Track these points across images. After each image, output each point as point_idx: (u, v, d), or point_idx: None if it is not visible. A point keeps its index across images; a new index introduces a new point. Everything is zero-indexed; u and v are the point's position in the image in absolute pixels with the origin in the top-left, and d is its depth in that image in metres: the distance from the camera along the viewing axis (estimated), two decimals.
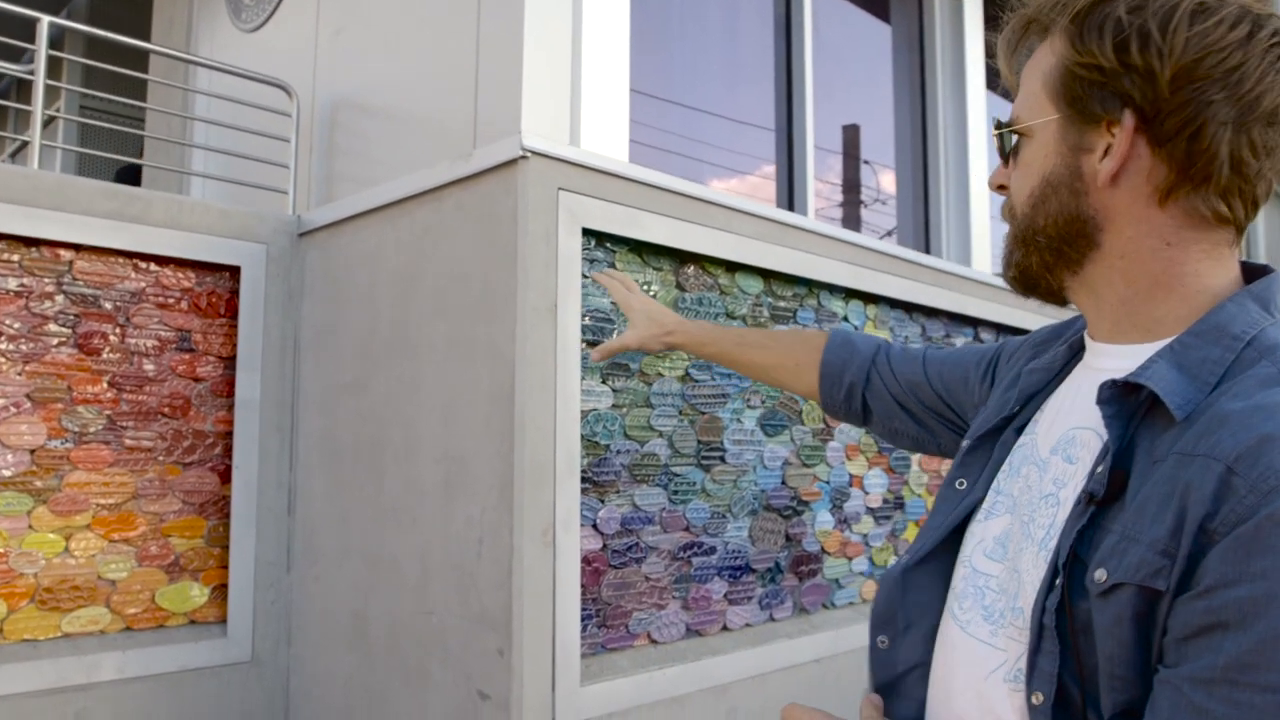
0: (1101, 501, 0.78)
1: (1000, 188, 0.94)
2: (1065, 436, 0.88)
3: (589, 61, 2.67)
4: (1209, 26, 0.76)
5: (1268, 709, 0.64)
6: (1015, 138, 0.90)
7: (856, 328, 3.12)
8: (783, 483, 2.81)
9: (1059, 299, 0.92)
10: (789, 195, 3.80)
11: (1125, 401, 0.81)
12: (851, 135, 4.73)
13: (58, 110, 4.63)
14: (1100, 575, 0.74)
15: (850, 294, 3.10)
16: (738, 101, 3.94)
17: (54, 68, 5.23)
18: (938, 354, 1.28)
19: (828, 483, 2.97)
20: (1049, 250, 0.87)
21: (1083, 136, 0.83)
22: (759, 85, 3.98)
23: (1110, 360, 0.87)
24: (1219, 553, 0.68)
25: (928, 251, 4.57)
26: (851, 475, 3.07)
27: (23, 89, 6.32)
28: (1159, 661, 0.72)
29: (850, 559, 3.03)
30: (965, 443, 1.02)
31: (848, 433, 3.05)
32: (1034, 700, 0.78)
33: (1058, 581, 0.78)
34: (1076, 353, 0.97)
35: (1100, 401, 0.82)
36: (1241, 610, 0.65)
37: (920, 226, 4.55)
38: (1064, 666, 0.77)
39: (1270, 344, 0.77)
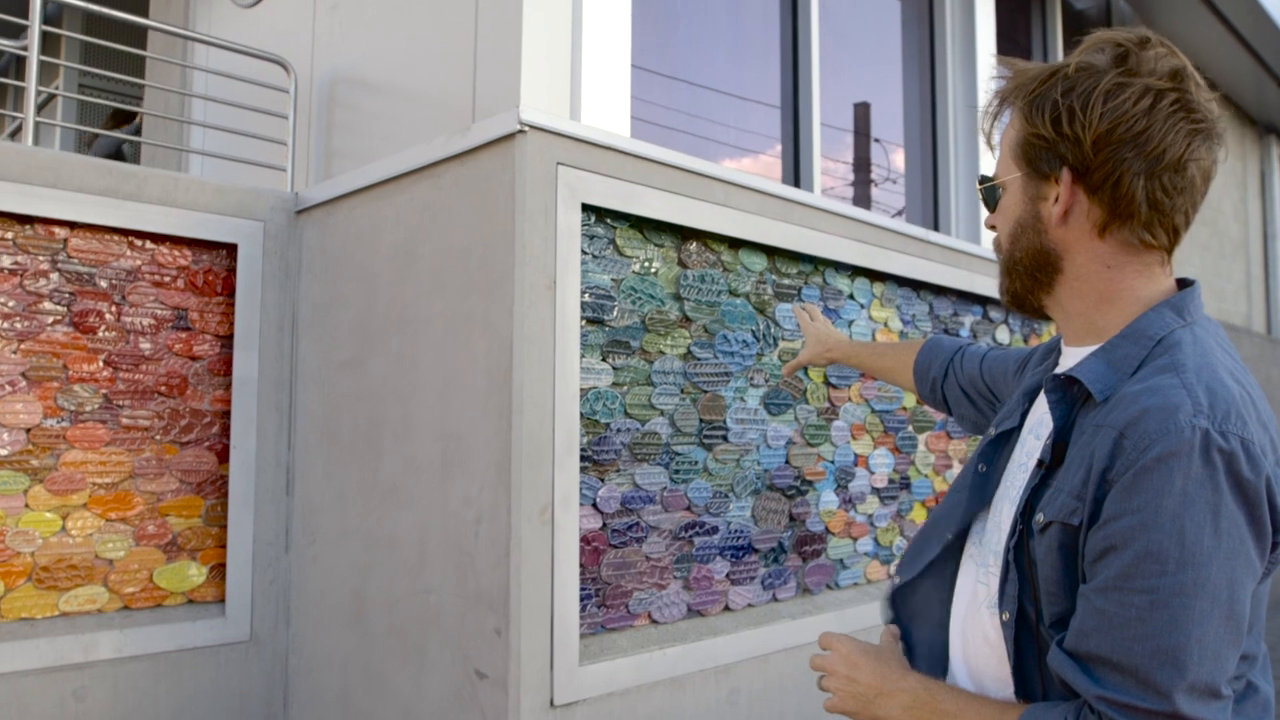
0: (1049, 467, 1.04)
1: (992, 227, 1.19)
2: (1037, 419, 1.15)
3: (589, 36, 2.62)
4: (1119, 102, 1.00)
5: (1142, 605, 0.90)
6: (997, 190, 1.15)
7: (863, 306, 3.08)
8: (786, 462, 2.78)
9: (1043, 314, 1.16)
10: (795, 172, 3.75)
11: (1068, 390, 1.06)
12: (862, 113, 4.67)
13: (57, 88, 4.60)
14: (1039, 518, 1.02)
15: (857, 271, 3.06)
16: (744, 78, 3.89)
17: (53, 45, 5.20)
18: (994, 353, 1.57)
19: (832, 462, 2.94)
20: (1026, 276, 1.12)
21: (1039, 188, 1.08)
22: (765, 61, 3.92)
23: (1070, 360, 1.11)
24: (1111, 496, 0.93)
25: (936, 229, 4.51)
26: (857, 455, 3.04)
27: (23, 66, 6.29)
28: (1082, 581, 0.97)
29: (855, 539, 3.01)
30: (991, 430, 1.24)
31: (853, 412, 3.02)
32: (1003, 618, 1.05)
33: (1019, 528, 1.04)
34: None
35: (1047, 390, 1.08)
36: (1124, 536, 0.91)
37: (929, 204, 4.50)
38: (1022, 591, 1.03)
39: (1174, 341, 1.01)
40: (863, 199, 4.67)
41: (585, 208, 2.24)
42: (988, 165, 4.52)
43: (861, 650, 1.19)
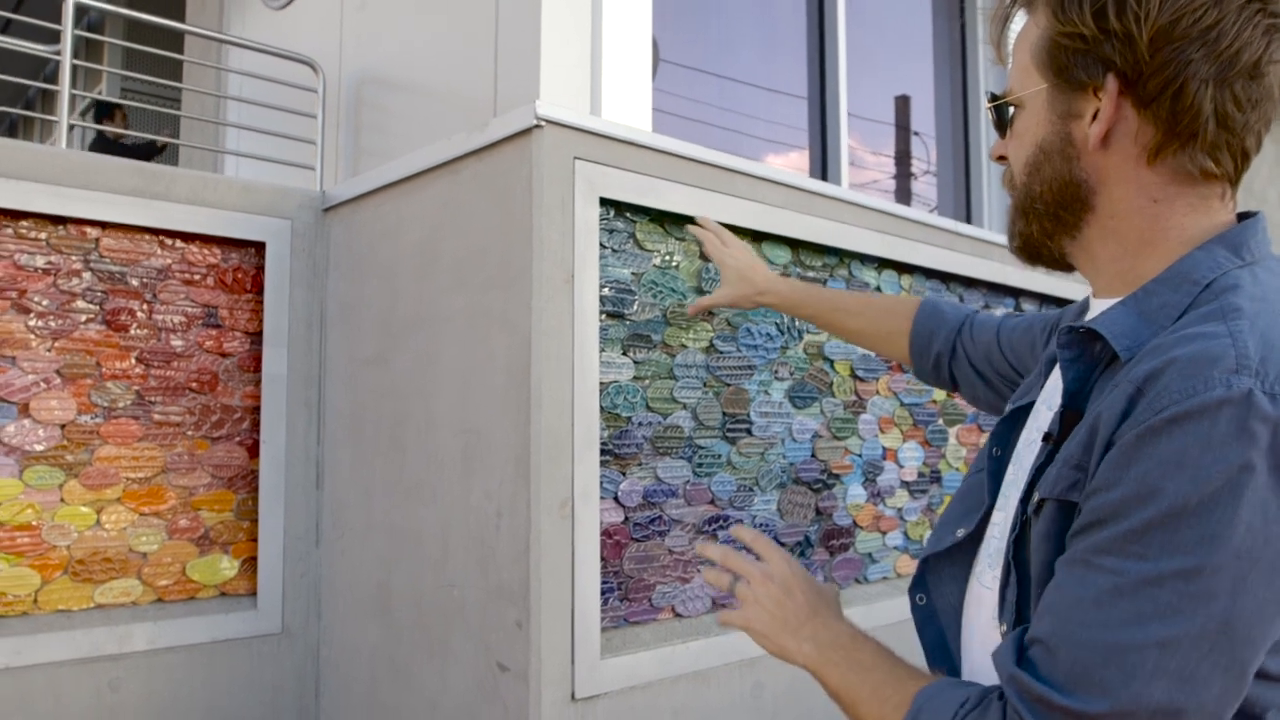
0: (1057, 441, 0.84)
1: (1000, 158, 0.97)
2: (1052, 386, 0.95)
3: (609, 31, 2.62)
4: None
5: (1104, 587, 0.71)
6: (1010, 109, 0.93)
7: None
8: (812, 455, 2.76)
9: (1063, 264, 0.95)
10: (823, 165, 3.73)
11: (1087, 348, 0.85)
12: (902, 106, 4.63)
13: (99, 93, 4.71)
14: (1034, 498, 0.82)
15: (884, 264, 3.03)
16: (771, 71, 3.87)
17: (95, 51, 5.32)
18: (1010, 321, 1.33)
19: (860, 456, 2.91)
20: (1047, 217, 0.90)
21: (1071, 103, 0.86)
22: (793, 54, 3.90)
23: (1095, 314, 0.90)
24: (1107, 459, 0.74)
25: (969, 221, 4.46)
26: (885, 448, 3.01)
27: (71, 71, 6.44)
28: None
29: (884, 533, 2.98)
30: (1006, 407, 1.06)
31: (881, 405, 2.99)
32: (1002, 629, 0.85)
33: (1022, 518, 0.85)
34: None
35: (1059, 345, 0.87)
36: (1113, 509, 0.72)
37: (961, 196, 4.45)
38: (1023, 597, 0.83)
39: (1228, 284, 0.80)
40: (903, 192, 4.62)
41: (604, 202, 2.24)
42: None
43: (804, 576, 1.04)
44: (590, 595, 2.10)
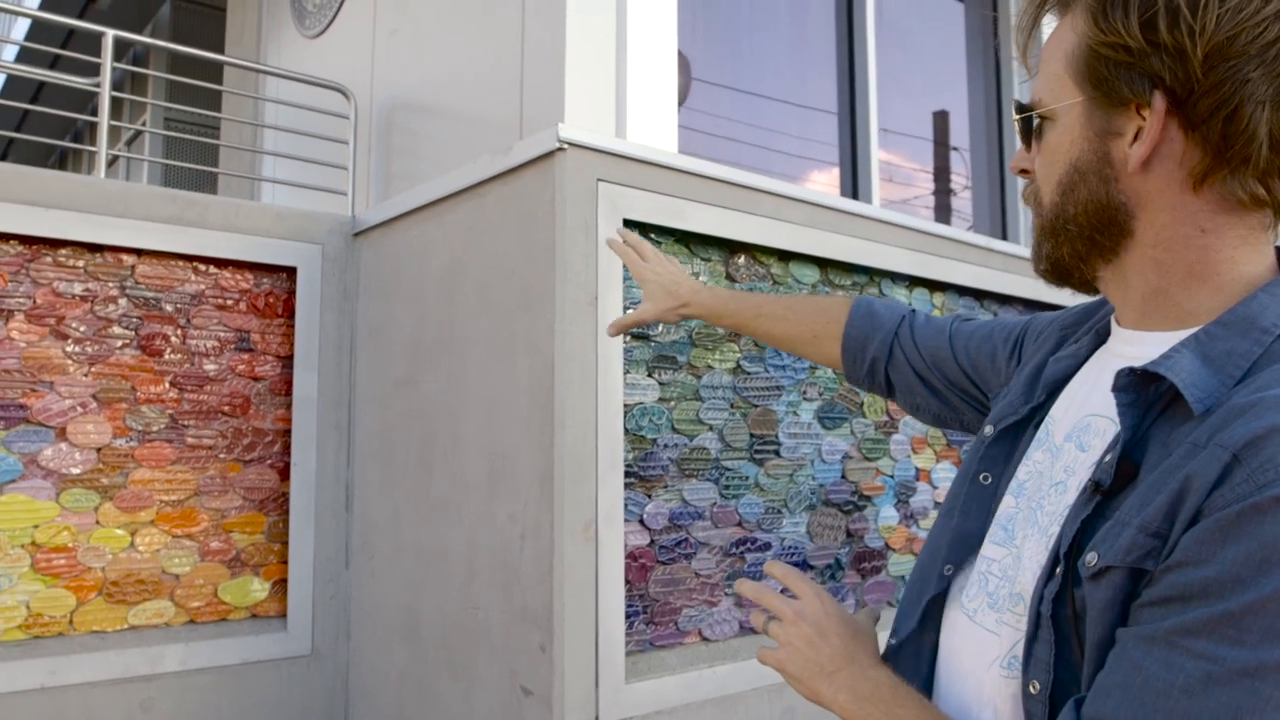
0: (1108, 492, 0.76)
1: (1023, 172, 0.89)
2: (1080, 424, 0.86)
3: (635, 53, 2.63)
4: (1241, 1, 0.71)
5: (1196, 675, 0.64)
6: (1038, 121, 0.85)
7: None
8: (843, 477, 2.72)
9: (1092, 289, 0.88)
10: (853, 182, 3.71)
11: (1142, 391, 0.78)
12: (941, 122, 4.59)
13: (144, 124, 4.83)
14: (1091, 559, 0.73)
15: (915, 281, 2.99)
16: (803, 87, 3.86)
17: (139, 84, 5.46)
18: (965, 327, 1.22)
19: (892, 476, 2.87)
20: (1081, 240, 0.83)
21: (1110, 120, 0.78)
22: (823, 71, 3.89)
23: (1134, 347, 0.83)
24: (1197, 531, 0.67)
25: (1004, 238, 4.40)
26: (918, 469, 2.97)
27: (117, 104, 6.62)
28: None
29: (916, 555, 2.93)
30: (988, 429, 0.98)
31: (913, 425, 2.95)
32: (1031, 689, 0.77)
33: (1058, 570, 0.77)
34: (1103, 339, 0.92)
35: (1116, 389, 0.78)
36: (1204, 588, 0.65)
37: (996, 212, 4.39)
38: (1059, 656, 0.76)
39: None
40: (942, 208, 4.58)
41: (628, 223, 2.24)
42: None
43: (839, 617, 0.96)
44: (615, 618, 2.09)
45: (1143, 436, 0.77)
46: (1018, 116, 0.88)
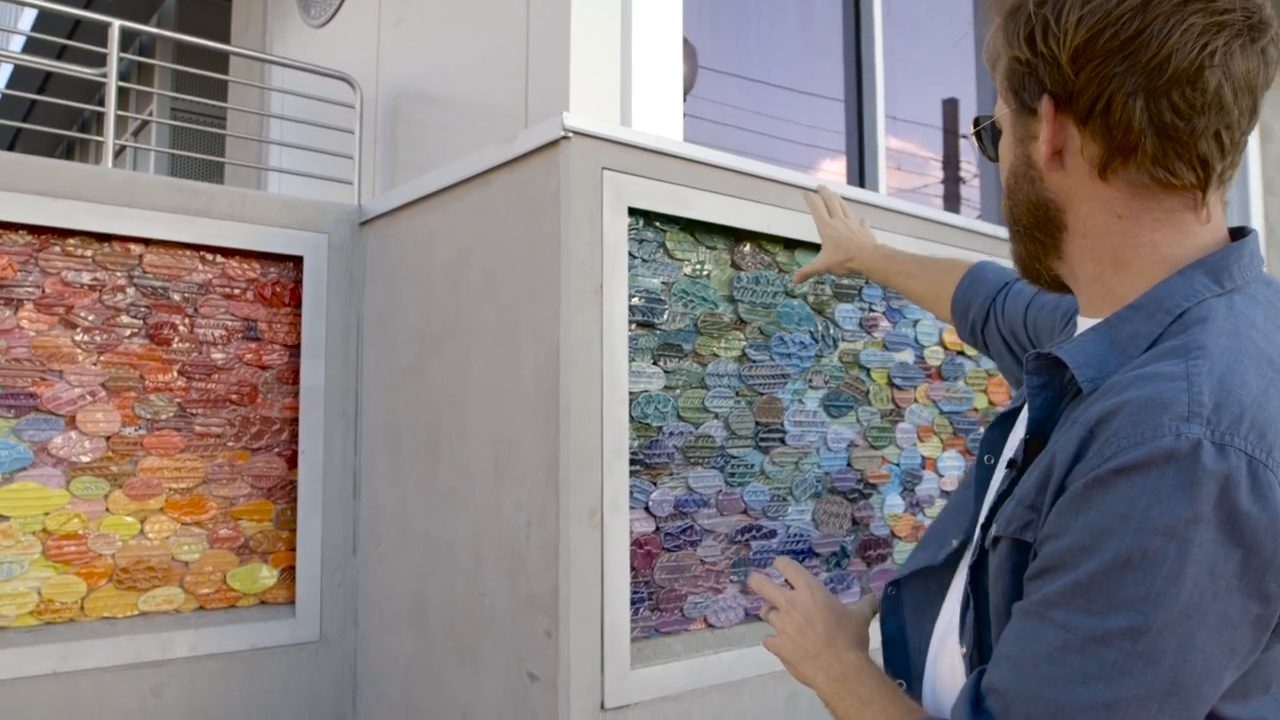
0: (1020, 469, 0.83)
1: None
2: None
3: (640, 41, 2.63)
4: (1100, 2, 0.77)
5: (1056, 644, 0.70)
6: (996, 133, 0.94)
7: None
8: (848, 465, 2.73)
9: (1061, 285, 0.92)
10: (860, 170, 3.70)
11: (1055, 374, 0.84)
12: (950, 109, 4.58)
13: (150, 114, 4.84)
14: (991, 530, 0.83)
15: None
16: (810, 76, 3.85)
17: (145, 74, 5.47)
18: (1042, 298, 1.25)
19: (897, 465, 2.88)
20: (1028, 238, 0.89)
21: (1028, 126, 0.86)
22: (829, 59, 3.88)
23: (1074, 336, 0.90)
24: (1060, 503, 0.73)
25: None
26: (924, 457, 2.97)
27: (124, 94, 6.62)
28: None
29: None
30: (998, 411, 1.06)
31: (919, 413, 2.95)
32: (962, 651, 0.88)
33: (983, 547, 0.86)
34: None
35: (1027, 371, 0.86)
36: (1061, 559, 0.71)
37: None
38: (980, 621, 0.86)
39: (1200, 316, 0.76)
40: (951, 196, 4.57)
41: (633, 211, 2.24)
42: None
43: (826, 605, 1.05)
44: (620, 605, 2.10)
45: (1057, 416, 0.83)
46: (975, 130, 0.97)
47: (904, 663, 1.02)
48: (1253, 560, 0.66)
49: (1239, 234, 0.84)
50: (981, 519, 0.88)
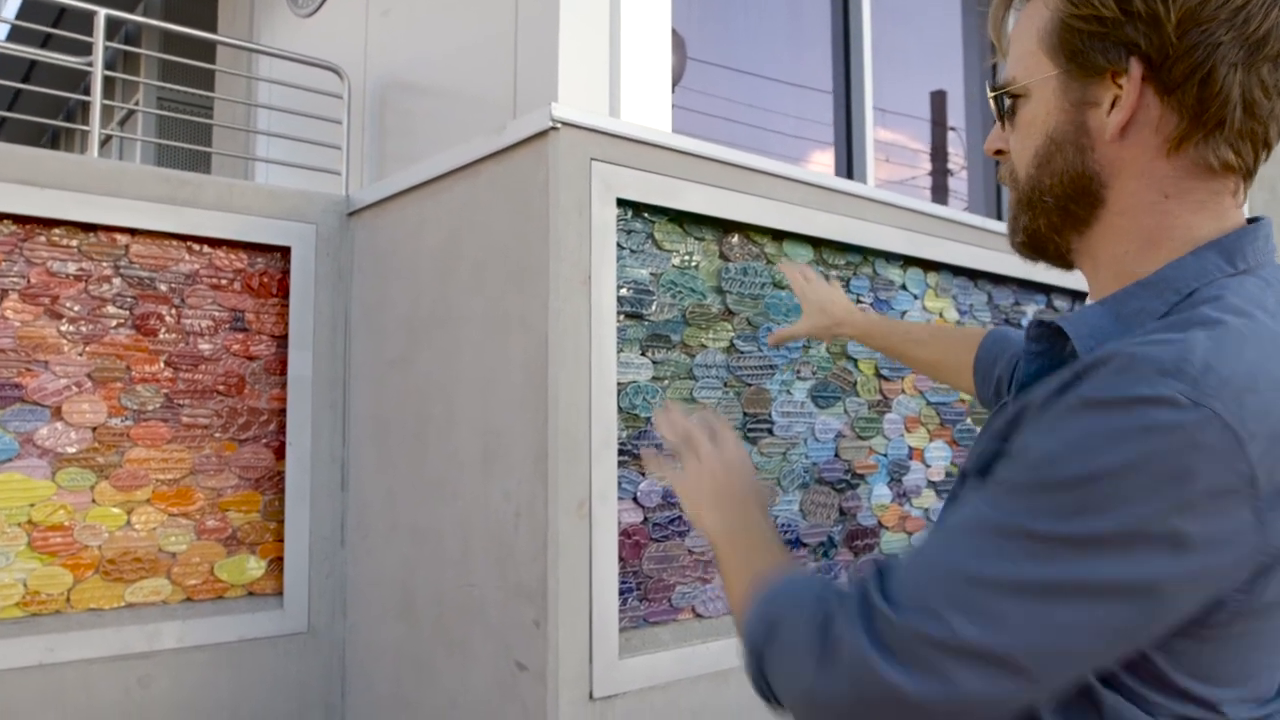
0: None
1: (998, 153, 0.92)
2: None
3: (628, 32, 2.63)
4: None
5: (965, 518, 0.73)
6: (1011, 100, 0.88)
7: (916, 296, 3.03)
8: (836, 455, 2.74)
9: (1066, 262, 0.91)
10: (848, 162, 3.71)
11: (1055, 344, 0.83)
12: (938, 101, 4.59)
13: (136, 104, 4.80)
14: (962, 466, 0.85)
15: (909, 261, 3.00)
16: (799, 67, 3.85)
17: (131, 63, 5.43)
18: None
19: (885, 455, 2.89)
20: (1056, 210, 0.85)
21: (1085, 90, 0.81)
22: (818, 50, 3.88)
23: None
24: (1021, 429, 0.74)
25: (999, 217, 4.40)
26: (911, 448, 2.98)
27: (110, 83, 6.57)
28: None
29: (910, 534, 2.95)
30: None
31: (906, 404, 2.96)
32: None
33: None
34: None
35: (1028, 338, 0.85)
36: (1005, 465, 0.73)
37: (991, 191, 4.40)
38: None
39: (1209, 295, 0.74)
40: (939, 188, 4.58)
41: (621, 202, 2.24)
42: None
43: (748, 466, 1.07)
44: (608, 595, 2.10)
45: None
46: (992, 95, 0.90)
47: None
48: (1186, 514, 0.65)
49: (1252, 222, 0.83)
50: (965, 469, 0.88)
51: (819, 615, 0.79)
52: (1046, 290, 3.49)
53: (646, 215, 2.32)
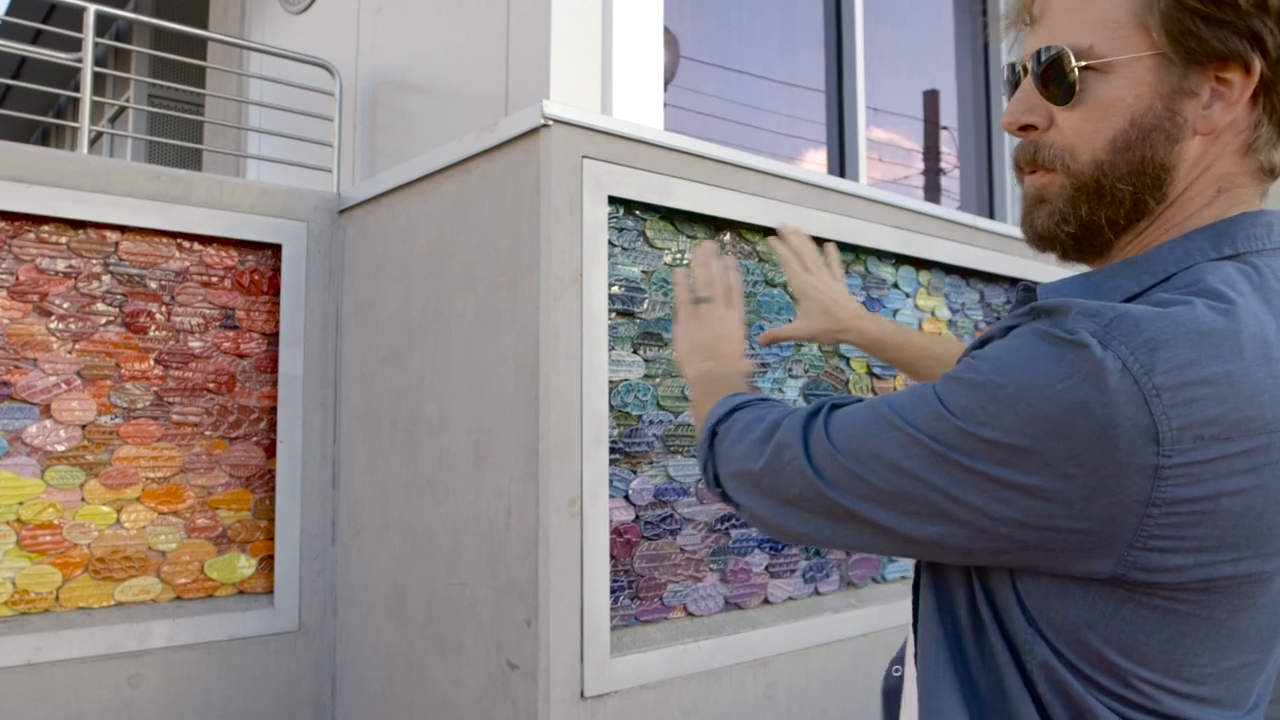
0: None
1: (1027, 128, 0.81)
2: None
3: (620, 30, 2.62)
4: None
5: (890, 399, 0.77)
6: (1078, 70, 0.76)
7: (908, 295, 3.03)
8: None
9: (1096, 258, 0.83)
10: (840, 161, 3.71)
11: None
12: (931, 101, 4.59)
13: (127, 100, 4.79)
14: None
15: (901, 259, 3.00)
16: (792, 66, 3.85)
17: (122, 60, 5.41)
18: None
19: None
20: (1129, 202, 0.77)
21: (1184, 78, 0.73)
22: (810, 49, 3.88)
23: None
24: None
25: (991, 216, 4.41)
26: None
27: (100, 79, 6.55)
28: None
29: None
30: None
31: None
32: (914, 651, 0.87)
33: None
34: None
35: (1016, 300, 0.81)
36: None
37: (984, 191, 4.40)
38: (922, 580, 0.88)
39: (1188, 281, 0.71)
40: (932, 188, 4.58)
41: (613, 200, 2.24)
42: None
43: (745, 330, 1.19)
44: (600, 594, 2.10)
45: None
46: (1051, 60, 0.77)
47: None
48: (1057, 449, 0.65)
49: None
50: None
51: (780, 413, 0.89)
52: (1034, 286, 3.49)
53: (638, 213, 2.32)
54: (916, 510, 0.72)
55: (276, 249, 2.71)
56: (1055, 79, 0.77)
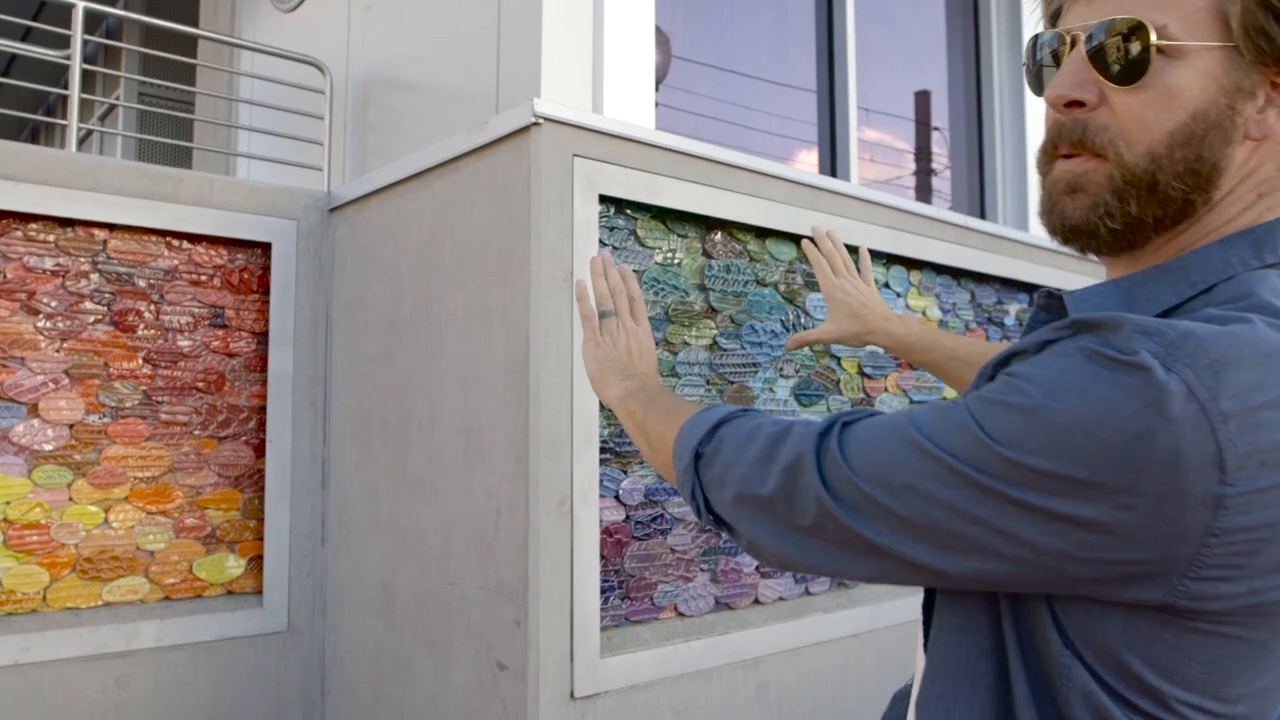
0: None
1: (1075, 104, 0.74)
2: None
3: (612, 28, 2.62)
4: None
5: (913, 411, 0.72)
6: (1151, 50, 0.70)
7: (899, 294, 3.03)
8: None
9: (1112, 255, 0.78)
10: (832, 160, 3.71)
11: (1059, 316, 0.76)
12: (923, 101, 4.60)
13: (117, 98, 4.77)
14: None
15: (892, 259, 3.00)
16: (783, 66, 3.85)
17: (112, 57, 5.39)
18: None
19: None
20: (1180, 201, 0.72)
21: (1246, 76, 0.70)
22: (802, 49, 3.88)
23: None
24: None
25: (982, 216, 4.42)
26: None
27: (90, 77, 6.51)
28: None
29: None
30: None
31: (889, 402, 2.97)
32: (920, 662, 0.87)
33: None
34: None
35: (1037, 307, 0.79)
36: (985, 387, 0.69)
37: (975, 191, 4.41)
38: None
39: (1237, 294, 0.67)
40: (923, 188, 4.59)
41: (604, 199, 2.24)
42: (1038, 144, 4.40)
43: (652, 345, 1.20)
44: (590, 594, 2.09)
45: None
46: (1122, 33, 0.71)
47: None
48: (1127, 474, 0.60)
49: None
50: None
51: (777, 427, 0.81)
52: (1029, 289, 3.50)
53: (629, 212, 2.32)
54: (953, 545, 0.67)
55: (266, 247, 2.69)
56: (1119, 55, 0.71)
